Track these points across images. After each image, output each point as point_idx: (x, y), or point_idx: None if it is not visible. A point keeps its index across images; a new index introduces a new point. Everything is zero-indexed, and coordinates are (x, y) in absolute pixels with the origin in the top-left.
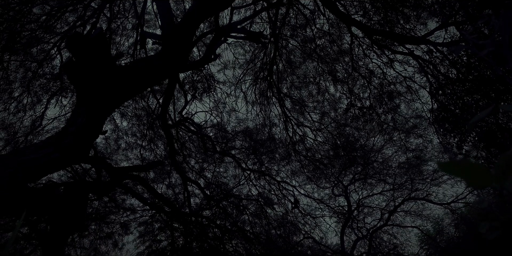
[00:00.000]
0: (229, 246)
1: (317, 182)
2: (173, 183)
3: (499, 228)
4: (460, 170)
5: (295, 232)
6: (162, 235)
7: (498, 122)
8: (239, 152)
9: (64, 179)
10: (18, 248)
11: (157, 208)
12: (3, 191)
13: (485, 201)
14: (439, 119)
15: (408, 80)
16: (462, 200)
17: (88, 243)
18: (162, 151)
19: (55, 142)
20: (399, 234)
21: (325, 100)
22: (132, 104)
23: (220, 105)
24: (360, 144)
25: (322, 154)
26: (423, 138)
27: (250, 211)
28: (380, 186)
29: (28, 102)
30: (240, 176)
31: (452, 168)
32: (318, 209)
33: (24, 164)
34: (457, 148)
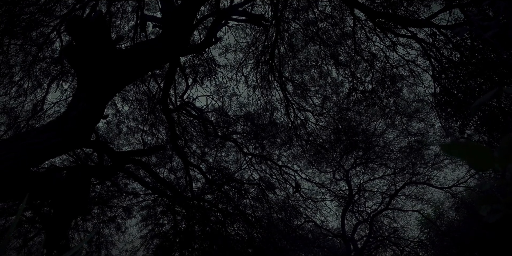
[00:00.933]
0: (231, 230)
1: (318, 167)
2: (175, 168)
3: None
4: (463, 152)
5: (296, 216)
6: (164, 219)
7: (501, 105)
8: (241, 136)
9: (66, 163)
10: (22, 232)
11: (159, 192)
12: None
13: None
14: (442, 103)
15: (411, 64)
16: (463, 184)
17: (91, 227)
18: (163, 135)
19: (57, 127)
20: (400, 218)
21: (327, 84)
22: (133, 88)
23: (221, 89)
24: (362, 129)
25: (323, 139)
26: (425, 122)
27: (251, 195)
28: (381, 171)
29: (28, 87)
30: (242, 160)
31: (455, 150)
32: (319, 193)
33: (26, 149)
34: (459, 132)
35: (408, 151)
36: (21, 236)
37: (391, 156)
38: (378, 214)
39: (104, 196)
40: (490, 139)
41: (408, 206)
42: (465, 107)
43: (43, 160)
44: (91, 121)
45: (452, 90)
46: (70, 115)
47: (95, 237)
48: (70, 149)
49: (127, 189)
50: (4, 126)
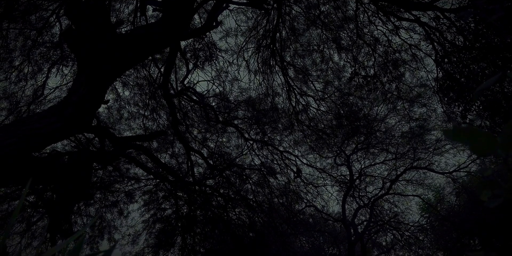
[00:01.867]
0: (233, 214)
1: (319, 152)
2: (176, 153)
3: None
4: (465, 137)
5: (297, 200)
6: (166, 204)
7: (503, 90)
8: (242, 122)
9: (68, 148)
10: (25, 216)
11: (161, 177)
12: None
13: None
14: (444, 88)
15: (414, 48)
16: (464, 169)
17: (94, 211)
18: (164, 121)
19: (58, 112)
20: (400, 202)
21: (328, 68)
22: (134, 73)
23: (222, 74)
24: (364, 114)
25: (325, 124)
26: (427, 107)
27: (253, 181)
28: (383, 156)
29: (29, 71)
30: (243, 146)
31: (457, 134)
32: (320, 178)
33: (27, 134)
34: (461, 117)
35: (410, 136)
36: (24, 220)
37: (393, 141)
38: (379, 199)
39: (106, 181)
40: (492, 124)
41: (409, 191)
42: (467, 92)
43: (45, 145)
44: (92, 106)
45: (455, 74)
46: (71, 100)
47: (97, 222)
48: (71, 134)
49: (129, 174)
50: (5, 111)
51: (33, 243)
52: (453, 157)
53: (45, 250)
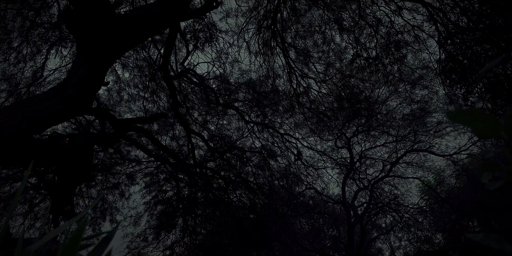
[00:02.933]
0: (233, 196)
1: (320, 135)
2: (176, 135)
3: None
4: (468, 119)
5: (297, 183)
6: (167, 186)
7: (506, 72)
8: (242, 104)
9: (68, 130)
10: (27, 198)
11: (162, 159)
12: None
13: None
14: (446, 70)
15: (416, 29)
16: (465, 151)
17: (96, 193)
18: (165, 103)
19: (58, 94)
20: (400, 185)
21: (330, 50)
22: (133, 54)
23: (222, 56)
24: (365, 96)
25: (326, 106)
26: (428, 90)
27: (253, 163)
28: (383, 138)
29: (27, 53)
30: (244, 128)
31: (460, 116)
32: (321, 161)
33: (28, 115)
34: (463, 99)
35: (411, 119)
36: (27, 202)
37: (393, 123)
38: (379, 181)
39: (107, 163)
40: (494, 107)
41: (409, 173)
42: (470, 74)
43: (45, 127)
44: (92, 88)
45: (458, 56)
46: (70, 82)
47: (99, 203)
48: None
49: (129, 156)
50: (5, 93)
51: (36, 224)
52: (453, 139)
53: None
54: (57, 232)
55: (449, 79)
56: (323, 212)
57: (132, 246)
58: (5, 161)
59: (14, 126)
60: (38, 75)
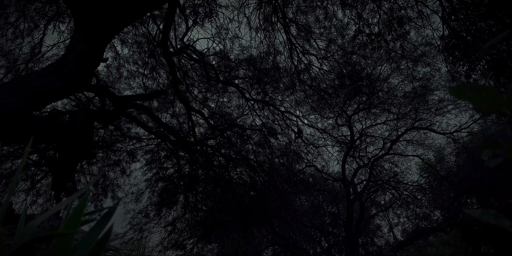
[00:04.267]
0: (234, 174)
1: (321, 112)
2: (177, 113)
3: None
4: (471, 95)
5: (297, 160)
6: (168, 163)
7: (510, 49)
8: (243, 81)
9: (68, 107)
10: (29, 174)
11: (162, 137)
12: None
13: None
14: (449, 47)
15: (420, 4)
16: (466, 129)
17: (97, 170)
18: (164, 80)
19: (57, 70)
20: (400, 162)
21: (332, 26)
22: (132, 30)
23: (222, 32)
24: (366, 73)
25: (327, 84)
26: (431, 67)
27: (254, 141)
28: (384, 116)
29: (25, 28)
30: (244, 106)
31: (463, 92)
32: (321, 138)
33: (27, 92)
34: (465, 76)
35: (412, 96)
36: (28, 178)
37: (395, 101)
38: (379, 159)
39: (108, 140)
40: (497, 84)
41: (409, 151)
42: (473, 51)
43: (45, 104)
44: (91, 64)
45: (461, 32)
46: (69, 58)
47: (101, 180)
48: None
49: (130, 133)
50: (3, 69)
51: (38, 201)
52: (454, 117)
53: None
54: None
55: (451, 56)
56: (323, 190)
57: (134, 222)
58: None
59: (13, 103)
60: (36, 51)
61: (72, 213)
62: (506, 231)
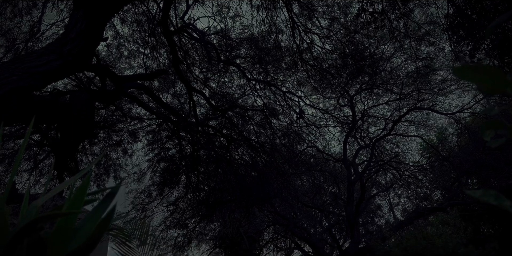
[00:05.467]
0: (235, 154)
1: (323, 93)
2: (178, 93)
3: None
4: (475, 74)
5: (299, 141)
6: (170, 143)
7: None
8: (244, 61)
9: (69, 87)
10: (31, 154)
11: (164, 117)
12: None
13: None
14: (454, 25)
15: None
16: (468, 110)
17: (99, 150)
18: (165, 59)
19: (57, 49)
20: (402, 143)
21: (335, 4)
22: (132, 8)
23: (223, 10)
24: (369, 53)
25: (329, 63)
26: (434, 46)
27: (255, 121)
28: (386, 96)
29: (23, 6)
30: (245, 86)
31: (466, 72)
32: (323, 119)
33: (27, 72)
34: (469, 56)
35: (415, 76)
36: (31, 158)
37: (397, 81)
38: (380, 140)
39: (109, 121)
40: (501, 64)
41: (411, 131)
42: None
43: (45, 83)
44: (91, 43)
45: (466, 11)
46: (69, 37)
47: (103, 160)
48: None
49: (131, 113)
50: (3, 49)
51: (41, 180)
52: (457, 97)
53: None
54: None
55: (456, 35)
56: (324, 170)
57: (136, 201)
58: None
59: (14, 82)
60: (35, 30)
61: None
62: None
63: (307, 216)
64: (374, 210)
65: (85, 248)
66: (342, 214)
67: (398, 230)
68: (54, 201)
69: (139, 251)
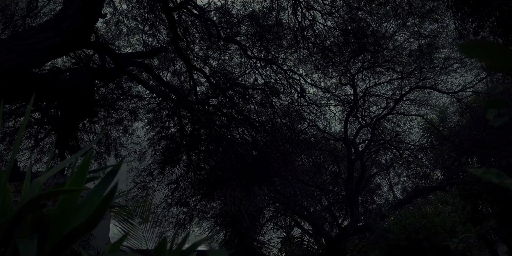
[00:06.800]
0: (236, 133)
1: (324, 71)
2: (178, 71)
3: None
4: (480, 52)
5: (300, 120)
6: (170, 122)
7: None
8: (245, 38)
9: (68, 65)
10: (32, 132)
11: (164, 95)
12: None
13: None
14: (458, 2)
15: None
16: (470, 88)
17: (99, 129)
18: (164, 36)
19: (55, 26)
20: (403, 122)
21: None
22: None
23: None
24: (372, 30)
25: (331, 41)
26: (438, 23)
27: (256, 100)
28: (388, 75)
29: None
30: (246, 64)
31: (472, 49)
32: (324, 98)
33: (26, 49)
34: (473, 34)
35: (417, 55)
36: (32, 136)
37: (400, 59)
38: (381, 119)
39: (109, 99)
40: (505, 42)
41: (412, 111)
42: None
43: (44, 60)
44: (90, 19)
45: None
46: (67, 13)
47: (104, 138)
48: (70, 49)
49: (131, 92)
50: (0, 25)
51: (42, 158)
52: (460, 76)
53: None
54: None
55: (460, 12)
56: (324, 149)
57: (137, 180)
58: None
59: (13, 60)
60: (32, 6)
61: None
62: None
63: (307, 194)
64: (373, 189)
65: (87, 225)
66: (342, 193)
67: (397, 208)
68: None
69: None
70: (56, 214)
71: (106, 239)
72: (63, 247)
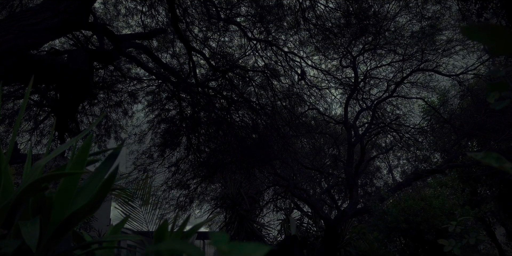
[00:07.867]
0: (236, 116)
1: (325, 53)
2: (177, 53)
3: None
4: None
5: (300, 103)
6: (170, 105)
7: None
8: (245, 19)
9: (66, 46)
10: (32, 115)
11: (163, 78)
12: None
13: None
14: None
15: None
16: (472, 71)
17: (99, 111)
18: (163, 17)
19: (52, 6)
20: (403, 105)
21: None
22: None
23: None
24: (373, 11)
25: (332, 23)
26: (441, 5)
27: (256, 83)
28: (390, 57)
29: None
30: (246, 46)
31: (475, 32)
32: (325, 80)
33: (23, 30)
34: (476, 15)
35: (419, 37)
36: (31, 119)
37: (401, 41)
38: (382, 102)
39: (108, 81)
40: (509, 24)
41: (413, 93)
42: None
43: (42, 42)
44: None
45: None
46: None
47: (103, 121)
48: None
49: (130, 74)
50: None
51: (42, 141)
52: (462, 59)
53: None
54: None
55: None
56: (325, 132)
57: (138, 162)
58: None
59: (10, 41)
60: None
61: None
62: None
63: (306, 177)
64: (373, 172)
65: (89, 207)
66: (341, 175)
67: (396, 191)
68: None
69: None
70: (58, 196)
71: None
72: (65, 229)
